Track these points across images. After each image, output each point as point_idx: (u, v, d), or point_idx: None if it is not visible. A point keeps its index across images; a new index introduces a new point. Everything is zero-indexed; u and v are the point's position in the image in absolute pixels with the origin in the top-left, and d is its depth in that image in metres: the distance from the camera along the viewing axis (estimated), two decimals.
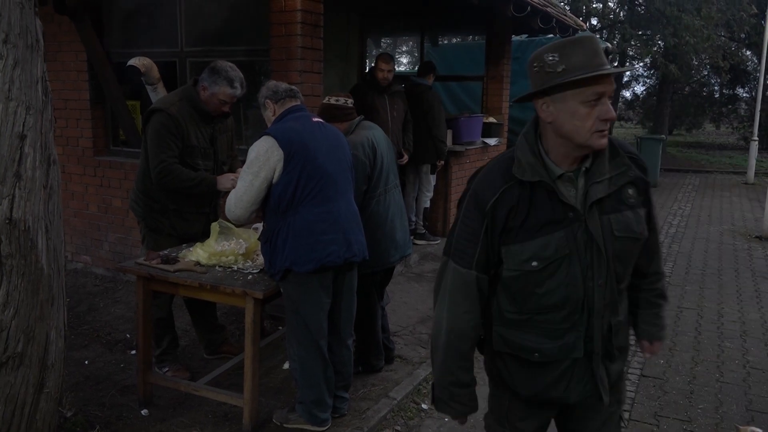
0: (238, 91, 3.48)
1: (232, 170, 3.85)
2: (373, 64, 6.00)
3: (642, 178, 1.78)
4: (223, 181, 3.54)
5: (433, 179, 6.69)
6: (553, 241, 1.68)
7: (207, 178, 3.53)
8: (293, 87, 3.17)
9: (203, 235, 3.58)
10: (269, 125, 3.13)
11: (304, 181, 2.91)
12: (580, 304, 1.73)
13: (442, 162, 6.54)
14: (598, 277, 1.71)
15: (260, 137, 2.97)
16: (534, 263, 1.69)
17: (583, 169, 1.71)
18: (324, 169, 2.96)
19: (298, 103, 3.15)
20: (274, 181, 2.91)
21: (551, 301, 1.73)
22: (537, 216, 1.69)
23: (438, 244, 6.82)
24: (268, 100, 3.12)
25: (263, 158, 2.89)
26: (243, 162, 3.10)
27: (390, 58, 5.86)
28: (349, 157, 3.18)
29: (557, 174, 1.69)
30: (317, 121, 3.13)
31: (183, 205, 3.60)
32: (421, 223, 6.79)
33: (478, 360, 1.95)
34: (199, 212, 3.68)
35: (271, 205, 2.96)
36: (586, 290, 1.71)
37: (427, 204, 6.81)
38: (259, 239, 3.26)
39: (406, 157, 6.07)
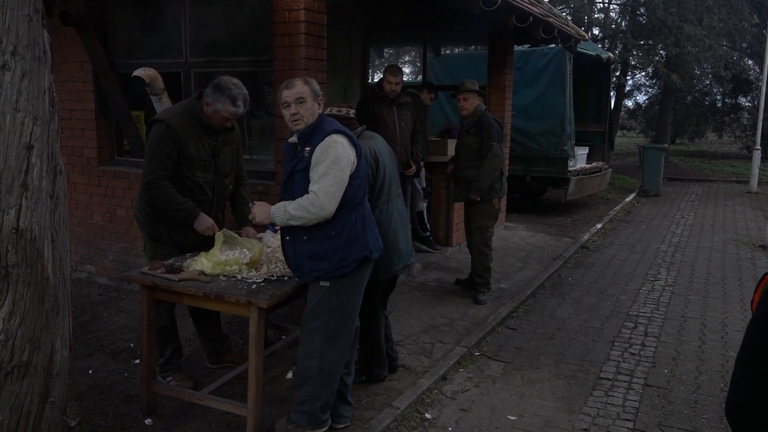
0: (241, 110, 3.49)
1: (239, 185, 3.86)
2: (380, 76, 6.01)
3: None
4: (202, 221, 3.53)
5: (419, 183, 6.75)
6: None
7: (189, 210, 3.50)
8: None
9: (201, 246, 3.59)
10: (307, 118, 3.10)
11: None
12: None
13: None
14: None
15: (330, 135, 3.01)
16: None
17: None
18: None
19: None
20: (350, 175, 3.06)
21: None
22: None
23: (440, 253, 6.82)
24: (322, 100, 3.22)
25: (345, 156, 3.02)
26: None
27: (398, 70, 5.83)
28: None
29: None
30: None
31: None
32: (418, 226, 6.82)
33: None
34: None
35: (347, 199, 3.04)
36: None
37: (422, 208, 6.85)
38: (304, 239, 3.18)
39: (413, 168, 6.08)
